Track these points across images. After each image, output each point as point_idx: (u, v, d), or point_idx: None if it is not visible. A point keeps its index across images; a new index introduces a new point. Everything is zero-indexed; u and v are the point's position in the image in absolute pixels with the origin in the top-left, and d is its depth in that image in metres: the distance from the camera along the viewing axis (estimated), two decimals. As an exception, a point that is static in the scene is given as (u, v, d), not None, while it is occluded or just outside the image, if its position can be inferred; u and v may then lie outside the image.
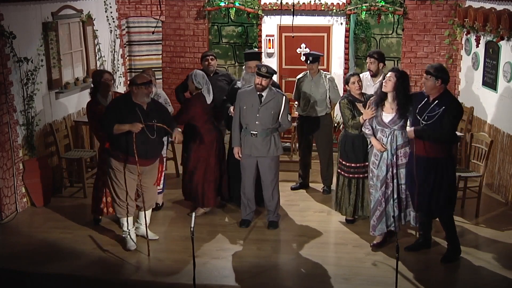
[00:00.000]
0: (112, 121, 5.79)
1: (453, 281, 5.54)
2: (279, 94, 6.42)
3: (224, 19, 10.19)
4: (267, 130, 6.37)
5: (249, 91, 6.41)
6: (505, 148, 7.31)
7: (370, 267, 5.74)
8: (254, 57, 6.92)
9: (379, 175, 5.89)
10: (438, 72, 5.50)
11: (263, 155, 6.40)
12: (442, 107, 5.47)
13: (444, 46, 8.97)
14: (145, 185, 6.08)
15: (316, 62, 7.38)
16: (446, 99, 5.53)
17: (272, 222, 6.65)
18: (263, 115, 6.32)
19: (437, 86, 5.52)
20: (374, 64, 7.20)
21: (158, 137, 5.94)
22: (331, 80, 7.45)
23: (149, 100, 5.89)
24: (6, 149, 6.87)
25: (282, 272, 5.72)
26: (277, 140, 6.45)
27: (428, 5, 8.91)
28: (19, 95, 7.08)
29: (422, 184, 5.65)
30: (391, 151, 5.82)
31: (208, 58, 7.49)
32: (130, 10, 9.67)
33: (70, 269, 5.79)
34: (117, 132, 5.77)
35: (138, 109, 5.82)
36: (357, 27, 9.86)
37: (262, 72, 6.23)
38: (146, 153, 5.85)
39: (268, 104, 6.32)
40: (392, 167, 5.83)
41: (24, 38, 7.09)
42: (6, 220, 6.85)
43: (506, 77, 7.21)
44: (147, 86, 5.82)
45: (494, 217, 6.86)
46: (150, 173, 6.08)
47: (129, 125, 5.74)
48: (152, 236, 6.31)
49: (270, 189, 6.53)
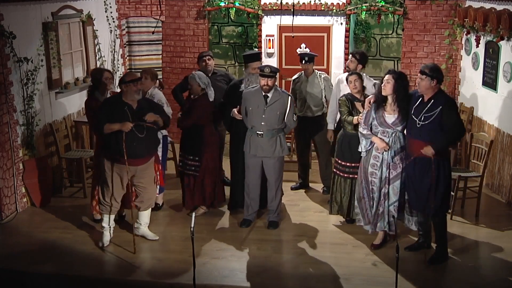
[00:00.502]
0: (102, 120, 5.82)
1: (453, 281, 5.53)
2: (284, 94, 6.42)
3: (224, 19, 10.19)
4: (273, 131, 6.36)
5: (254, 91, 6.41)
6: (505, 148, 7.31)
7: (370, 267, 5.74)
8: (256, 58, 6.89)
9: (380, 176, 5.87)
10: (434, 72, 5.49)
11: (268, 155, 6.40)
12: (439, 106, 5.46)
13: (444, 46, 8.96)
14: (141, 185, 6.09)
15: (312, 62, 7.38)
16: (441, 98, 5.53)
17: (273, 222, 6.65)
18: (269, 116, 6.32)
19: (432, 86, 5.51)
20: (353, 63, 7.00)
21: (148, 136, 5.90)
22: (326, 80, 7.44)
23: (139, 98, 5.89)
24: (6, 149, 6.87)
25: (282, 272, 5.72)
26: (282, 140, 6.45)
27: (428, 5, 8.91)
28: (19, 95, 7.09)
29: (418, 185, 5.65)
30: (391, 152, 5.81)
31: (205, 59, 7.48)
32: (130, 10, 9.67)
33: (70, 269, 5.80)
34: (108, 131, 5.79)
35: (127, 108, 5.83)
36: (357, 27, 9.87)
37: (266, 73, 6.23)
38: (135, 152, 5.83)
39: (274, 104, 6.32)
40: (390, 169, 5.82)
41: (24, 38, 7.09)
42: (6, 220, 6.85)
43: (506, 77, 7.21)
44: (135, 83, 5.82)
45: (494, 217, 6.86)
46: (144, 173, 6.06)
47: (119, 125, 5.75)
48: (152, 237, 6.32)
49: (274, 188, 6.54)
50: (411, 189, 5.74)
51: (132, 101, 5.87)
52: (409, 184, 5.76)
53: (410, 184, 5.75)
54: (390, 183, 5.85)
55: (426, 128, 5.51)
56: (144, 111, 5.86)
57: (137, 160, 5.91)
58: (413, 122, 5.60)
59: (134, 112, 5.83)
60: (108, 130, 5.79)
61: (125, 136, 5.73)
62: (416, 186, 5.68)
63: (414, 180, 5.69)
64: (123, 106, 5.83)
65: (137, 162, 5.92)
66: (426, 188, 5.60)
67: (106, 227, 6.20)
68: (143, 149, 5.91)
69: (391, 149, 5.80)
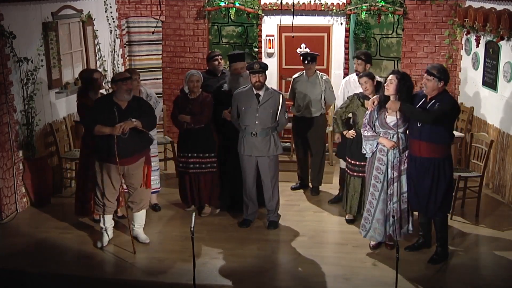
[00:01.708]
0: (91, 120, 5.82)
1: (453, 281, 5.53)
2: (276, 93, 6.46)
3: (224, 19, 10.19)
4: (267, 130, 6.37)
5: (246, 91, 6.42)
6: (505, 148, 7.31)
7: (370, 267, 5.73)
8: (239, 58, 6.93)
9: (384, 178, 5.81)
10: (441, 73, 5.46)
11: (263, 154, 6.40)
12: (437, 103, 5.46)
13: (444, 46, 8.96)
14: (132, 185, 6.10)
15: (314, 62, 7.36)
16: (442, 97, 5.51)
17: (272, 222, 6.65)
18: (262, 115, 6.33)
19: (439, 87, 5.50)
20: (361, 65, 7.01)
21: (133, 136, 5.83)
22: (327, 82, 7.43)
23: (129, 98, 5.85)
24: (6, 149, 6.87)
25: (282, 272, 5.72)
26: (276, 139, 6.45)
27: (428, 5, 8.90)
28: (19, 95, 7.08)
29: (419, 185, 5.64)
30: (394, 153, 5.75)
31: (217, 58, 7.47)
32: (130, 10, 9.67)
33: (69, 269, 5.80)
34: (98, 133, 5.79)
35: (116, 108, 5.81)
36: (357, 27, 9.86)
37: (256, 69, 6.25)
38: (119, 153, 5.79)
39: (267, 103, 6.34)
40: (394, 169, 5.78)
41: (24, 38, 7.09)
42: (6, 220, 6.85)
43: (506, 77, 7.21)
44: (125, 82, 5.80)
45: (494, 217, 6.86)
46: (134, 173, 6.04)
47: (110, 129, 5.73)
48: (144, 239, 6.28)
49: (270, 188, 6.53)
50: (412, 189, 5.74)
51: (122, 101, 5.84)
52: (409, 185, 5.76)
53: (411, 185, 5.74)
54: (394, 181, 5.79)
55: (426, 128, 5.49)
56: (133, 112, 5.83)
57: (124, 160, 5.87)
58: (414, 122, 5.59)
59: (123, 113, 5.80)
60: (99, 133, 5.79)
61: (116, 139, 5.72)
62: (417, 187, 5.67)
63: (415, 181, 5.68)
64: (112, 106, 5.81)
65: (123, 162, 5.88)
66: (427, 189, 5.60)
67: (104, 228, 6.19)
68: (128, 149, 5.85)
69: (395, 150, 5.75)
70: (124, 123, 5.73)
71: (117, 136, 5.73)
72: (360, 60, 7.02)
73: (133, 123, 5.75)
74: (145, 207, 6.32)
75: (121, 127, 5.71)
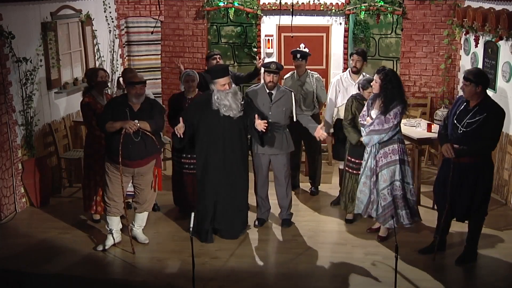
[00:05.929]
0: (105, 119, 5.81)
1: (453, 281, 5.53)
2: (287, 91, 6.49)
3: (223, 19, 10.19)
4: (280, 127, 6.38)
5: (258, 90, 6.47)
6: (504, 148, 7.31)
7: (369, 267, 5.74)
8: (224, 73, 6.04)
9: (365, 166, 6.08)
10: (478, 78, 5.31)
11: (276, 152, 6.42)
12: (484, 113, 5.29)
13: (443, 46, 8.97)
14: (139, 186, 6.10)
15: (305, 60, 7.31)
16: (487, 105, 5.35)
17: (286, 220, 6.67)
18: (275, 113, 6.36)
19: (478, 92, 5.34)
20: (360, 62, 6.98)
21: (144, 140, 5.84)
22: (318, 80, 7.39)
23: (138, 102, 5.83)
24: (5, 149, 6.86)
25: (281, 272, 5.72)
26: (288, 136, 6.49)
27: (427, 5, 8.91)
28: (18, 95, 7.08)
29: (458, 192, 5.53)
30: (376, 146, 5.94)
31: (216, 57, 7.48)
32: (129, 10, 9.67)
33: (69, 269, 5.79)
34: (110, 130, 5.78)
35: (128, 109, 5.81)
36: (356, 27, 9.86)
37: (272, 69, 6.33)
38: (128, 155, 5.80)
39: (279, 101, 6.37)
40: (377, 160, 5.96)
41: (23, 38, 7.09)
42: (5, 220, 6.84)
43: (505, 77, 7.22)
44: (133, 87, 5.77)
45: (494, 217, 6.85)
46: (142, 176, 6.05)
47: (121, 122, 5.72)
48: (143, 240, 6.29)
49: (285, 185, 6.56)
50: (450, 193, 5.57)
51: (132, 103, 5.85)
52: (451, 190, 5.57)
53: (452, 190, 5.56)
54: (377, 171, 5.95)
55: (467, 135, 5.35)
56: (144, 115, 5.83)
57: (133, 162, 5.88)
58: (455, 128, 5.45)
59: (134, 114, 5.81)
60: (111, 129, 5.78)
61: (122, 138, 5.72)
62: (456, 194, 5.54)
63: (453, 187, 5.54)
64: (125, 107, 5.82)
65: (133, 164, 5.89)
66: (466, 195, 5.49)
67: (109, 230, 6.16)
68: (139, 152, 5.86)
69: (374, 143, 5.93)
70: (126, 122, 5.72)
71: (128, 138, 5.73)
72: (359, 57, 6.97)
73: (137, 125, 5.74)
74: (149, 209, 6.32)
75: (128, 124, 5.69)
